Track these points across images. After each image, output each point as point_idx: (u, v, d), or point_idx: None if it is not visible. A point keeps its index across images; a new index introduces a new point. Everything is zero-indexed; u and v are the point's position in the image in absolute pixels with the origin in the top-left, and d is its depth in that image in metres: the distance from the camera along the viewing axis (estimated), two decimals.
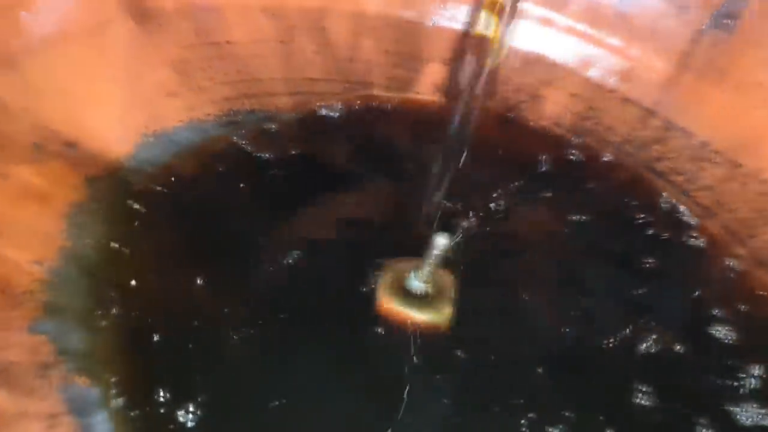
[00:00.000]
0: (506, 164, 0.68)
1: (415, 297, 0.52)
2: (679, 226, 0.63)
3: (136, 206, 0.52)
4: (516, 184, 0.65)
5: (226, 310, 0.49)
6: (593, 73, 0.71)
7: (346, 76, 0.69)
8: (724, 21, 0.64)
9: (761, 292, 0.57)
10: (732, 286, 0.58)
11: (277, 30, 0.66)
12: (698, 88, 0.65)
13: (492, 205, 0.62)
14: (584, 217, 0.63)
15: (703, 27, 0.65)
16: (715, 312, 0.55)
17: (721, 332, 0.54)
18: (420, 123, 0.69)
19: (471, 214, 0.60)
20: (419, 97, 0.72)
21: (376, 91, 0.70)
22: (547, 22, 0.72)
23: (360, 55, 0.69)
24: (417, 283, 0.52)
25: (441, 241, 0.49)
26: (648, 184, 0.66)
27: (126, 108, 0.57)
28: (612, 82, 0.70)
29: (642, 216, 0.64)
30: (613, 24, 0.70)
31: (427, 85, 0.72)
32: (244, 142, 0.61)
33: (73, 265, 0.47)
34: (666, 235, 0.63)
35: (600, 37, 0.70)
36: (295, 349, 0.49)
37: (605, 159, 0.69)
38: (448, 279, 0.53)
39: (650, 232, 0.63)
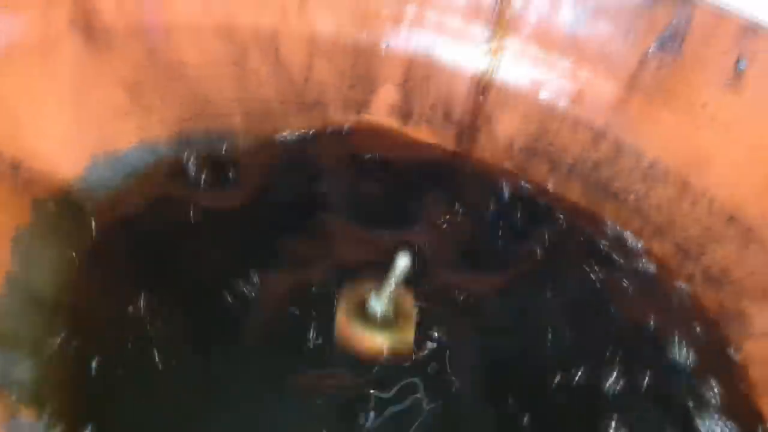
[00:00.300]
0: (460, 187, 0.68)
1: (375, 320, 0.51)
2: (632, 246, 0.64)
3: (86, 231, 0.50)
4: (472, 208, 0.65)
5: (179, 339, 0.48)
6: (544, 95, 0.72)
7: (301, 97, 0.68)
8: (669, 43, 0.66)
9: (714, 312, 0.58)
10: (687, 307, 0.59)
11: (230, 51, 0.65)
12: (647, 109, 0.66)
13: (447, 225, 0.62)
14: (537, 240, 0.63)
15: (650, 50, 0.66)
16: (673, 335, 0.56)
17: (680, 355, 0.55)
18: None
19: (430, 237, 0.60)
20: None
21: (331, 112, 0.70)
22: (498, 44, 0.72)
23: (315, 76, 0.69)
24: (377, 305, 0.51)
25: (402, 262, 0.48)
26: (600, 204, 0.67)
27: (75, 128, 0.55)
28: (563, 104, 0.71)
29: (594, 237, 0.65)
30: (563, 47, 0.71)
31: (383, 107, 0.72)
32: (197, 164, 0.59)
33: (19, 291, 0.45)
34: (619, 256, 0.63)
35: (550, 60, 0.71)
36: (248, 379, 0.47)
37: (558, 180, 0.69)
38: (409, 300, 0.53)
39: (603, 253, 0.63)
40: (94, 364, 0.44)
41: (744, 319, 0.58)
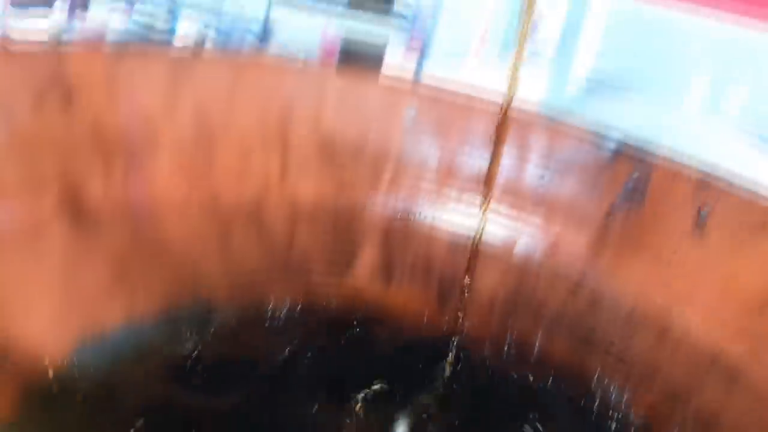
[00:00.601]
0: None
1: None
2: (619, 396, 0.64)
3: (76, 419, 0.49)
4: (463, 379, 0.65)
5: None
6: (519, 250, 0.74)
7: (285, 264, 0.70)
8: (633, 196, 0.69)
9: None
10: None
11: (214, 225, 0.67)
12: (619, 258, 0.69)
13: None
14: (527, 397, 0.63)
15: (615, 203, 0.70)
16: None
17: None
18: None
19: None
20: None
21: (315, 277, 0.71)
22: (470, 206, 0.76)
23: (298, 243, 0.71)
24: None
25: None
26: (584, 356, 0.68)
27: (62, 311, 0.55)
28: (538, 257, 0.73)
29: (581, 391, 0.65)
30: (533, 203, 0.75)
31: (365, 269, 0.73)
32: (185, 341, 0.59)
33: None
34: (607, 407, 0.63)
35: (522, 216, 0.75)
36: None
37: (540, 334, 0.70)
38: None
39: (592, 406, 0.63)
40: None
41: None
